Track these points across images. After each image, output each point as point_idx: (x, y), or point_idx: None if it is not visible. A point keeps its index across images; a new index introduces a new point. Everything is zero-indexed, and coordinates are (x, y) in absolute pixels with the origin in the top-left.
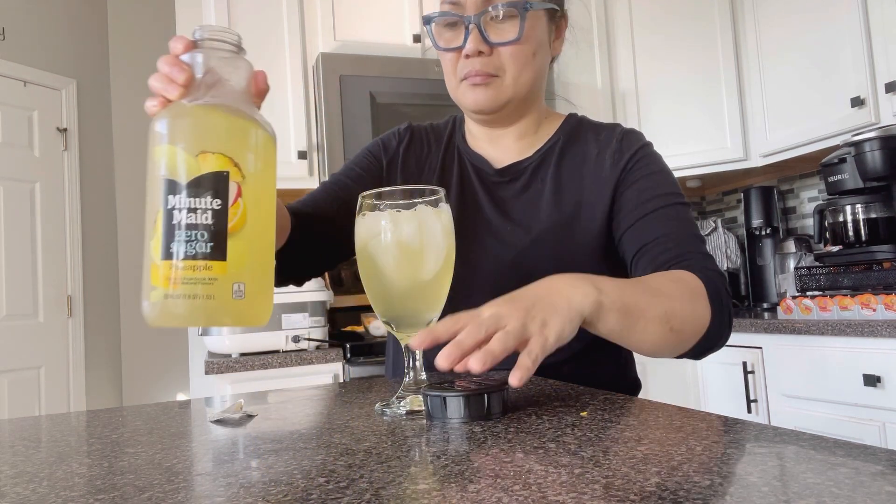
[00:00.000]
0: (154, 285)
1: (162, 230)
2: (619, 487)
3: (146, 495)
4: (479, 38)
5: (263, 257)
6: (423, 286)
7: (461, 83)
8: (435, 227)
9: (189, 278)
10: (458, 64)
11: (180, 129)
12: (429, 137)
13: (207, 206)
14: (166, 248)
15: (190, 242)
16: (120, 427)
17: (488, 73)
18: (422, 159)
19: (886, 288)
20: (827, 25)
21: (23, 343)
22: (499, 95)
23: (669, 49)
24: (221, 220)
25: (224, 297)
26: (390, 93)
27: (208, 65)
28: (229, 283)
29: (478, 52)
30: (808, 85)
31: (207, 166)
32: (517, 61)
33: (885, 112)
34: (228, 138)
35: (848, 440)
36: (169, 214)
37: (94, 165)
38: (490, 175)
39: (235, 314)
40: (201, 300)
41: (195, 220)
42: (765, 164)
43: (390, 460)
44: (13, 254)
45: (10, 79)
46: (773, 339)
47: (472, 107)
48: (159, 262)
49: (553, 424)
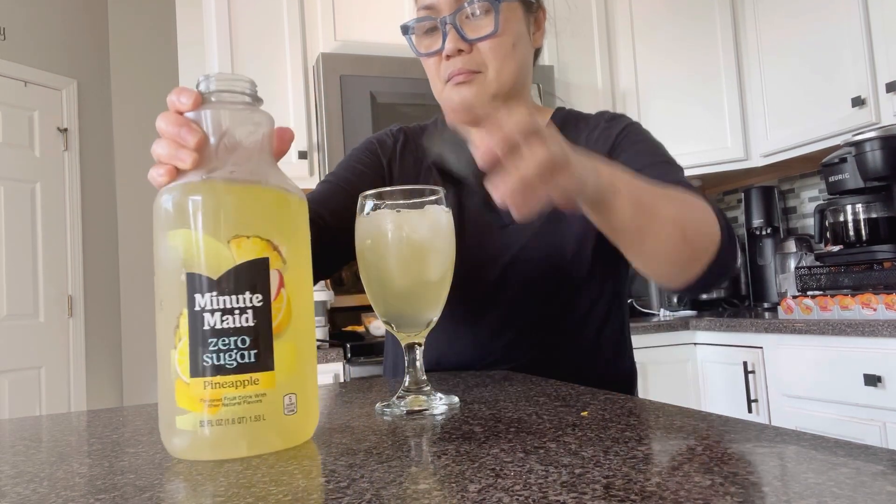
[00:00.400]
0: (182, 408)
1: (189, 338)
2: (619, 487)
3: (147, 495)
4: (456, 37)
5: (310, 355)
6: (426, 286)
7: (445, 85)
8: (438, 227)
9: (232, 398)
10: (441, 66)
11: (202, 210)
12: (420, 138)
13: (247, 304)
14: (196, 361)
15: (229, 352)
16: (120, 427)
17: (470, 70)
18: (418, 159)
19: (887, 288)
20: (827, 25)
21: (23, 343)
22: (484, 91)
23: (670, 49)
24: (265, 320)
25: (275, 415)
26: (391, 93)
27: (223, 124)
28: (280, 396)
29: (458, 51)
30: (808, 84)
31: (243, 254)
32: (498, 54)
33: (885, 112)
34: (264, 217)
35: (849, 440)
36: (197, 318)
37: (94, 165)
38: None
39: (287, 434)
40: (249, 424)
41: (233, 322)
42: (765, 164)
43: (391, 460)
44: (14, 254)
45: (11, 79)
46: (774, 338)
47: (460, 104)
48: (187, 378)
49: (553, 424)
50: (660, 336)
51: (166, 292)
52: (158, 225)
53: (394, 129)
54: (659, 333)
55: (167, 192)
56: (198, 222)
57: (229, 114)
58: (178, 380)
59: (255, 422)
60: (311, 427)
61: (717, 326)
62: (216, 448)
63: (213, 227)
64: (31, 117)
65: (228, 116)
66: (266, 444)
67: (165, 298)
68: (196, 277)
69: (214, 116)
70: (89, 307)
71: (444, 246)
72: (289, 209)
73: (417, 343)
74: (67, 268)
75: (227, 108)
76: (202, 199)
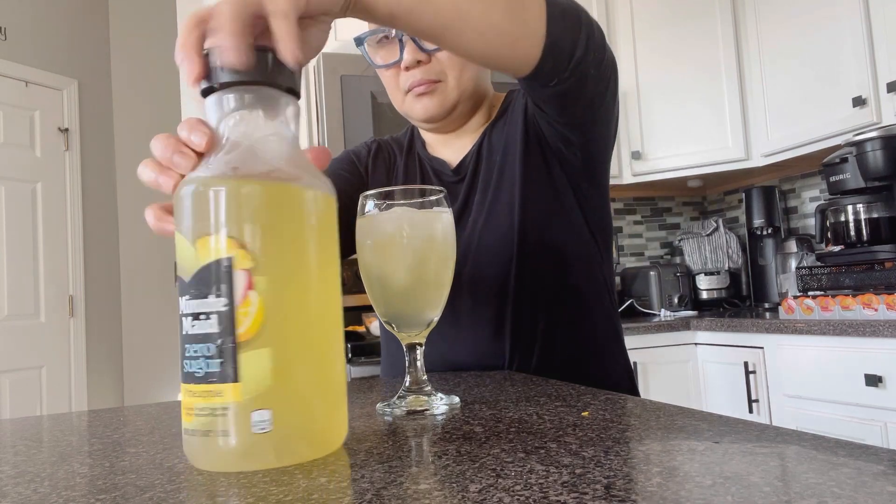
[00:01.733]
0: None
1: (180, 344)
2: (620, 488)
3: (147, 495)
4: (414, 48)
5: (310, 369)
6: (427, 286)
7: (406, 96)
8: (439, 227)
9: (201, 408)
10: (400, 78)
11: (177, 209)
12: (392, 148)
13: (211, 309)
14: (181, 366)
15: (196, 359)
16: (121, 427)
17: (431, 80)
18: (389, 167)
19: (888, 288)
20: (828, 25)
21: (24, 343)
22: (445, 99)
23: (671, 48)
24: (228, 326)
25: (241, 432)
26: None
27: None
28: (246, 412)
29: (416, 62)
30: (809, 84)
31: (206, 255)
32: (456, 62)
33: (886, 112)
34: (231, 213)
35: (850, 440)
36: (180, 322)
37: (95, 165)
38: (448, 177)
39: (255, 455)
40: (214, 437)
41: (200, 327)
42: (766, 164)
43: (391, 460)
44: (15, 254)
45: (12, 79)
46: (775, 338)
47: (423, 116)
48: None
49: (554, 424)
50: (660, 336)
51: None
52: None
53: (369, 140)
54: (660, 333)
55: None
56: (177, 222)
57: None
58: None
59: (222, 436)
60: (303, 450)
61: (717, 326)
62: (197, 458)
63: (184, 227)
64: (31, 117)
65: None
66: (227, 463)
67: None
68: (180, 279)
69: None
70: (90, 307)
71: (444, 246)
72: (272, 201)
73: (418, 343)
74: (68, 268)
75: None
76: (178, 198)
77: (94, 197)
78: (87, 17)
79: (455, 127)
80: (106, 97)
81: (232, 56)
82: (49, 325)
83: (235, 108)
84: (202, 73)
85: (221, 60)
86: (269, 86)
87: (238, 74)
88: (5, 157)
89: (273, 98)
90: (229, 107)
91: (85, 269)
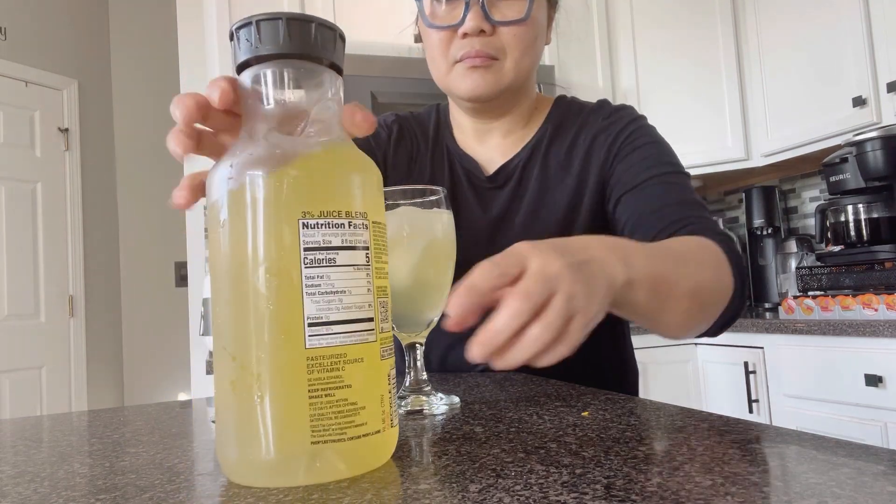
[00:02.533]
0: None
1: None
2: (620, 488)
3: (147, 495)
4: (480, 15)
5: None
6: (427, 286)
7: (454, 66)
8: (439, 227)
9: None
10: (453, 44)
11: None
12: (415, 132)
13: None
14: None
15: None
16: (121, 427)
17: (488, 54)
18: (413, 156)
19: (888, 288)
20: (828, 25)
21: (24, 343)
22: (499, 81)
23: (671, 48)
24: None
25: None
26: (392, 92)
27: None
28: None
29: (479, 31)
30: (809, 84)
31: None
32: (521, 43)
33: (886, 112)
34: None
35: (850, 440)
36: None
37: (95, 165)
38: (481, 181)
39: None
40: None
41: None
42: (766, 164)
43: (391, 460)
44: (15, 254)
45: (12, 79)
46: (775, 338)
47: (469, 93)
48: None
49: (554, 424)
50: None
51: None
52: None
53: (388, 119)
54: None
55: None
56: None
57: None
58: None
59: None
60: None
61: None
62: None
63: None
64: (32, 117)
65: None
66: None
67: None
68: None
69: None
70: (90, 307)
71: (444, 246)
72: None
73: (419, 343)
74: (68, 268)
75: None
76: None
77: (94, 197)
78: (87, 17)
79: (496, 115)
80: (106, 97)
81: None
82: (49, 325)
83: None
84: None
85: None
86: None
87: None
88: (5, 157)
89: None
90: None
91: (85, 269)
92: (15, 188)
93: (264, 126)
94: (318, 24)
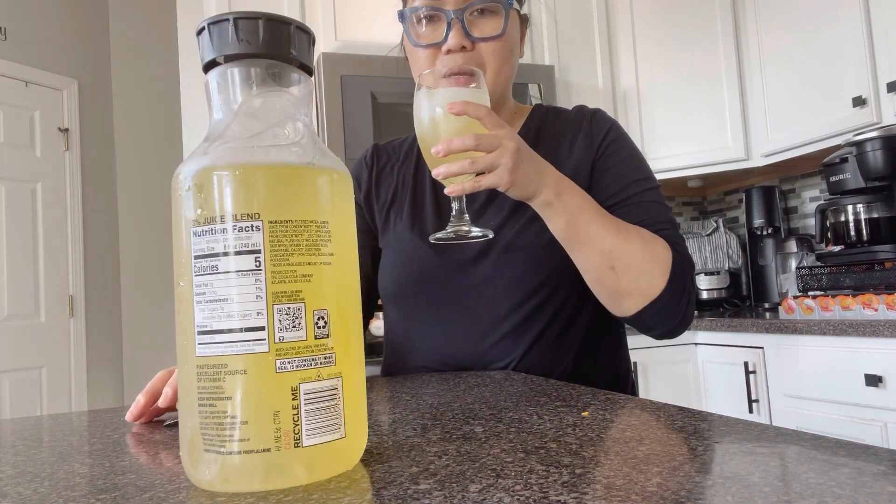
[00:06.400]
0: None
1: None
2: (620, 487)
3: (147, 495)
4: (461, 33)
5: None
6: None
7: (439, 81)
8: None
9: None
10: (438, 61)
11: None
12: (396, 150)
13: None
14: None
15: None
16: (121, 427)
17: (469, 69)
18: (395, 169)
19: (888, 288)
20: (828, 25)
21: (24, 343)
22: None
23: (671, 48)
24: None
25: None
26: (391, 93)
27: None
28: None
29: (460, 48)
30: (809, 84)
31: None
32: (498, 57)
33: (886, 112)
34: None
35: (850, 440)
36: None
37: (95, 165)
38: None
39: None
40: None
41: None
42: (766, 164)
43: (391, 460)
44: (15, 254)
45: (12, 79)
46: (775, 338)
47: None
48: None
49: (554, 424)
50: None
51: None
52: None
53: (367, 153)
54: None
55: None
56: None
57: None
58: None
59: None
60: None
61: (717, 326)
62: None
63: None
64: (31, 117)
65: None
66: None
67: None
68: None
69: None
70: (90, 307)
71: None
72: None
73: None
74: (68, 268)
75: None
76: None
77: (94, 197)
78: (87, 17)
79: None
80: (106, 97)
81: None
82: (49, 325)
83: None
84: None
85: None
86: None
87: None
88: (5, 157)
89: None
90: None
91: (85, 269)
92: (15, 188)
93: (215, 130)
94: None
